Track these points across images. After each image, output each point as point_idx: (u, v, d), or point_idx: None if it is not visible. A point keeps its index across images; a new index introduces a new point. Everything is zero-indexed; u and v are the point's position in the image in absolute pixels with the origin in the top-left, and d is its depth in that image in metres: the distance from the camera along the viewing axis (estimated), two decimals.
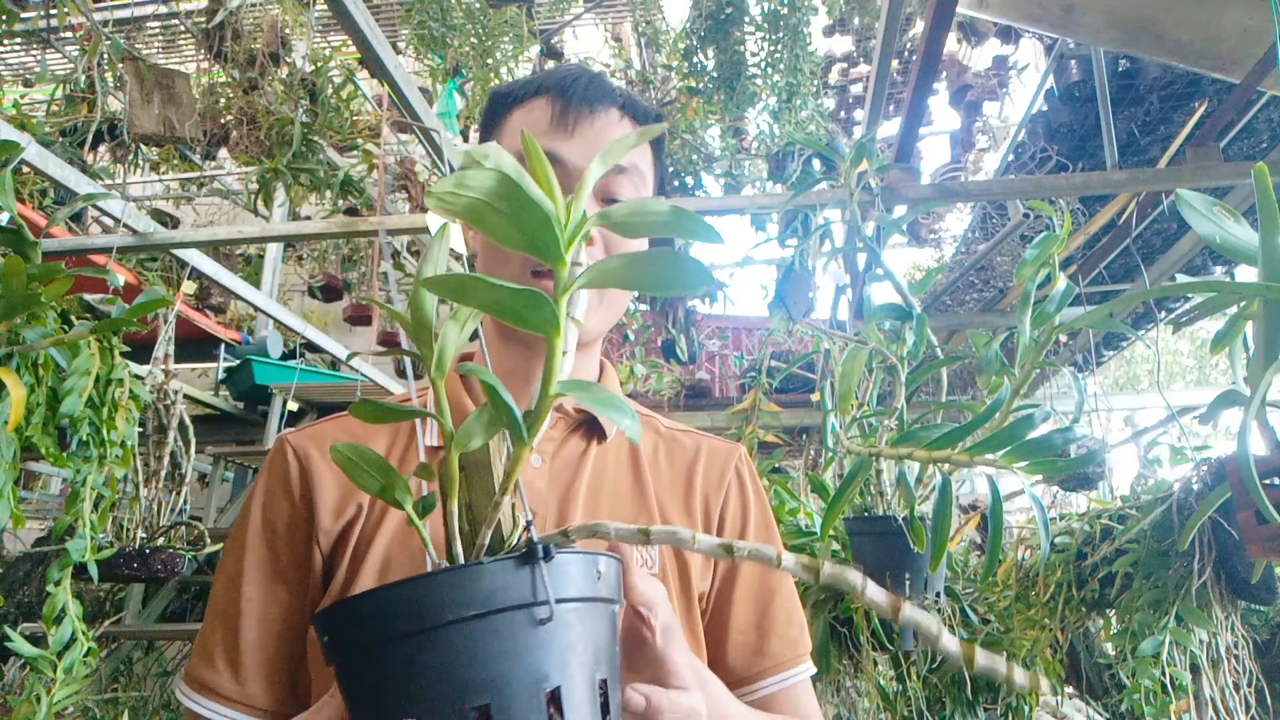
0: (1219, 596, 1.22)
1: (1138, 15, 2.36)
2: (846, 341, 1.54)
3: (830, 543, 1.66)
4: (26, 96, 4.67)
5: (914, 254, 8.90)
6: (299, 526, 0.71)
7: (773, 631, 0.78)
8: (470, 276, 0.39)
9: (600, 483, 0.76)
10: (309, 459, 0.73)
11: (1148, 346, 5.28)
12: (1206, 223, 0.72)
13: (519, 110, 0.76)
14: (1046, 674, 1.60)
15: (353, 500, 0.71)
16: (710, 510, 0.80)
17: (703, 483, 0.81)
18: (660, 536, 0.48)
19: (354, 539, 0.70)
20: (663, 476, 0.80)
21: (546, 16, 4.39)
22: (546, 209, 0.39)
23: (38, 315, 1.43)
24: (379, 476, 0.48)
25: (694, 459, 0.83)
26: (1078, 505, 2.34)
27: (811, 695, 0.80)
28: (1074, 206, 3.19)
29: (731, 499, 0.82)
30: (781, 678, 0.77)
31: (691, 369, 4.95)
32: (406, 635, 0.40)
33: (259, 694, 0.68)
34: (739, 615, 0.77)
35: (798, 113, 3.60)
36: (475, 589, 0.41)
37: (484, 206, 0.39)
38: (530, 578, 0.42)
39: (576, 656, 0.42)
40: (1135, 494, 1.48)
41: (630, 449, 0.81)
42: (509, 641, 0.40)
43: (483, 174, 0.39)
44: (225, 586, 0.71)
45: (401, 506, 0.48)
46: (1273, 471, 0.75)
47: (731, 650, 0.76)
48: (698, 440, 0.86)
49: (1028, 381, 1.15)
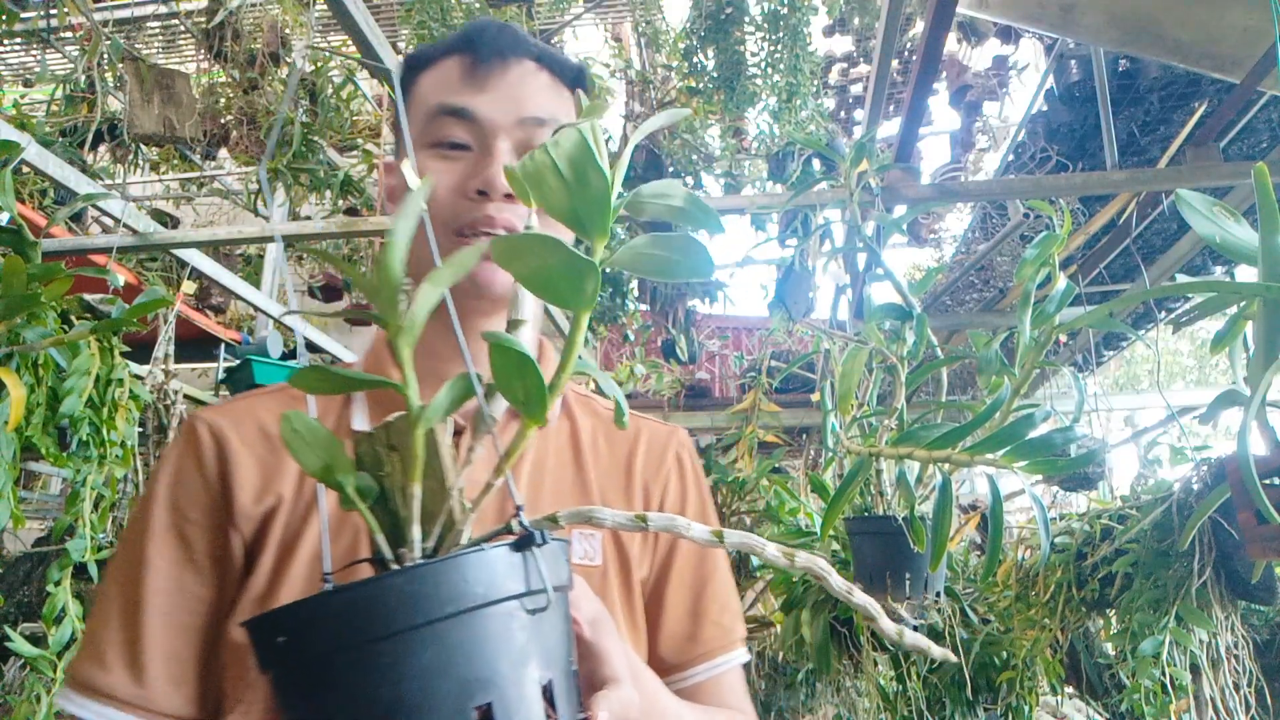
0: (1219, 596, 1.22)
1: (1138, 15, 2.36)
2: (846, 341, 1.54)
3: (830, 542, 1.66)
4: (26, 96, 4.67)
5: (914, 254, 8.91)
6: (214, 511, 0.64)
7: (707, 618, 0.76)
8: (536, 237, 0.38)
9: (541, 470, 0.73)
10: (224, 437, 0.67)
11: (1148, 346, 5.28)
12: (1206, 223, 0.72)
13: (431, 71, 0.72)
14: (1046, 674, 1.61)
15: (274, 487, 0.65)
16: (650, 497, 0.78)
17: (643, 468, 0.78)
18: (659, 523, 0.47)
19: (278, 529, 0.64)
20: (602, 462, 0.77)
21: (546, 16, 4.39)
22: (607, 185, 0.38)
23: (38, 315, 1.43)
24: (323, 453, 0.43)
25: (634, 444, 0.79)
26: (1078, 505, 2.34)
27: (742, 682, 0.79)
28: (1074, 206, 3.19)
29: (671, 485, 0.79)
30: (714, 664, 0.75)
31: (691, 369, 4.95)
32: (397, 633, 0.36)
33: (163, 698, 0.60)
34: (674, 602, 0.76)
35: (798, 113, 3.60)
36: (475, 578, 0.38)
37: (550, 169, 0.38)
38: (524, 566, 0.40)
39: (561, 647, 0.41)
40: (1135, 494, 1.48)
41: (570, 434, 0.77)
42: (506, 634, 0.38)
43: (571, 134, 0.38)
44: (123, 578, 0.64)
45: (341, 489, 0.43)
46: (1273, 471, 0.75)
47: (665, 637, 0.75)
48: (637, 424, 0.82)
49: (1028, 381, 1.15)
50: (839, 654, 1.64)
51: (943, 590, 1.33)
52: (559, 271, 0.38)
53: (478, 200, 0.67)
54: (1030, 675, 1.63)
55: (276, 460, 0.66)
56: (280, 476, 0.66)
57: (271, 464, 0.66)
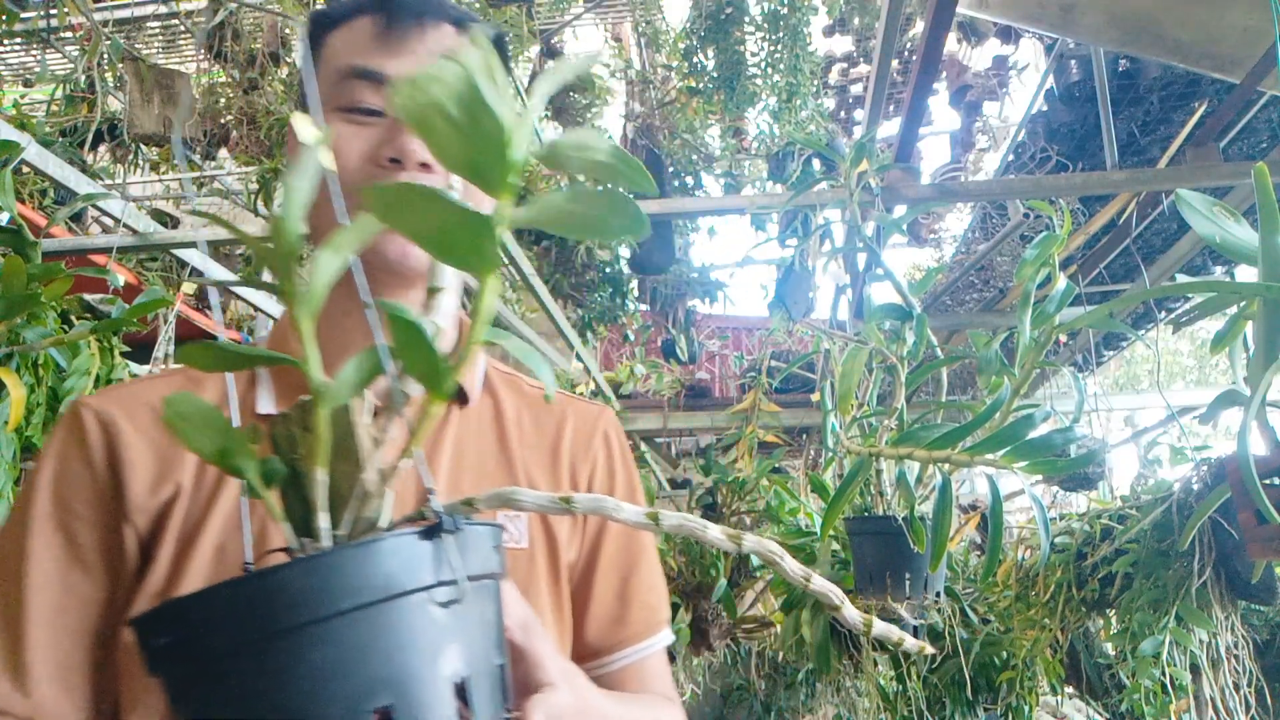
0: (1219, 596, 1.22)
1: (1138, 15, 2.36)
2: (846, 341, 1.54)
3: (830, 542, 1.66)
4: (26, 96, 4.67)
5: (914, 254, 8.90)
6: (104, 505, 0.60)
7: (634, 601, 0.74)
8: (414, 188, 0.33)
9: (463, 452, 0.69)
10: (114, 425, 0.62)
11: (1148, 346, 5.28)
12: (1206, 223, 0.72)
13: (342, 29, 0.67)
14: (1046, 674, 1.61)
15: (172, 476, 0.61)
16: (577, 478, 0.75)
17: (570, 449, 0.75)
18: (585, 504, 0.43)
19: (176, 522, 0.60)
20: (528, 441, 0.74)
21: (546, 16, 4.39)
22: (505, 126, 0.33)
23: (38, 315, 1.43)
24: (216, 437, 0.40)
25: (560, 423, 0.76)
26: (1078, 505, 2.34)
27: (666, 665, 0.78)
28: (1074, 206, 3.19)
29: (600, 465, 0.77)
30: (640, 648, 0.74)
31: (691, 369, 4.96)
32: (290, 630, 0.34)
33: (52, 704, 0.56)
34: (603, 585, 0.74)
35: (798, 113, 3.61)
36: (375, 569, 0.35)
37: (436, 110, 0.33)
38: (436, 554, 0.36)
39: (481, 642, 0.38)
40: (1135, 494, 1.48)
41: (494, 414, 0.74)
42: (412, 630, 0.35)
43: (452, 69, 0.32)
44: (0, 579, 0.59)
45: (242, 474, 0.40)
46: (1273, 471, 0.75)
47: (592, 620, 0.73)
48: (564, 403, 0.79)
49: (1028, 381, 1.15)
50: (839, 654, 1.64)
51: (943, 590, 1.33)
52: (449, 228, 0.34)
53: (390, 169, 0.63)
54: (1030, 675, 1.63)
55: (173, 448, 0.62)
56: (179, 464, 0.62)
57: (169, 451, 0.62)
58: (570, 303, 3.85)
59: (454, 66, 0.33)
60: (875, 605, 1.29)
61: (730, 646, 2.18)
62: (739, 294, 9.75)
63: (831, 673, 1.65)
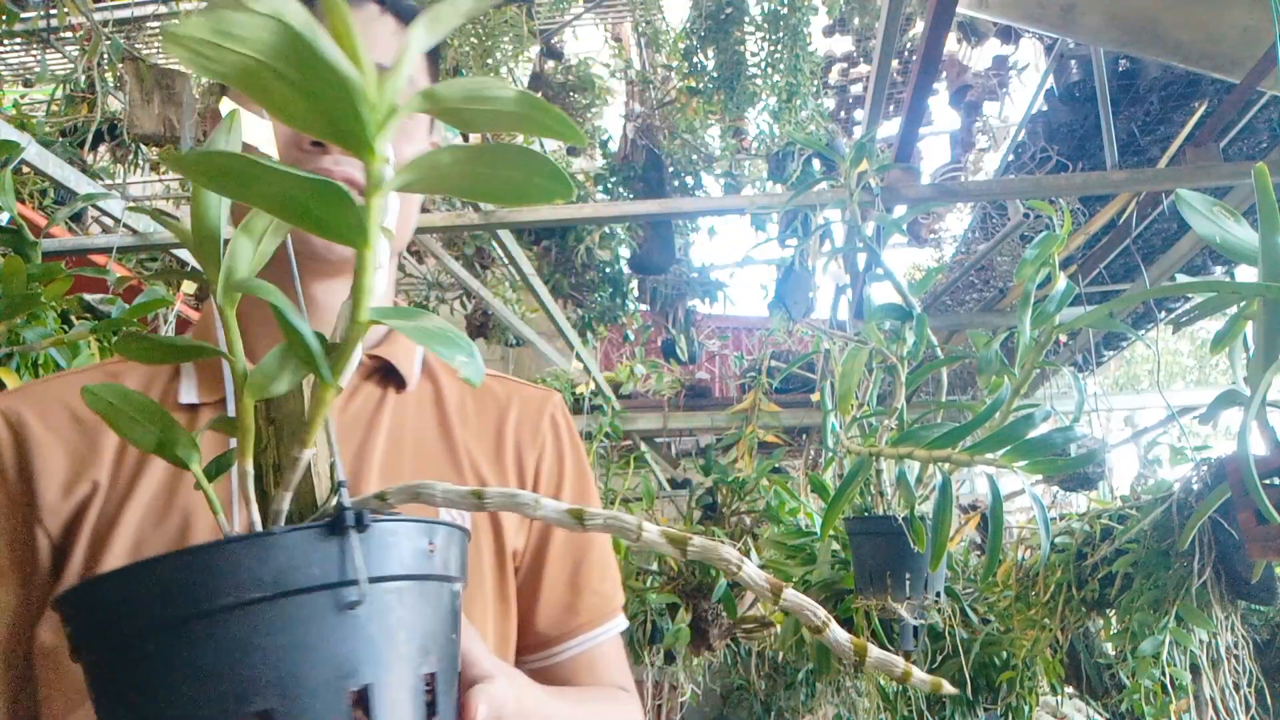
0: (1219, 596, 1.22)
1: (1138, 15, 2.36)
2: (846, 341, 1.54)
3: (830, 542, 1.66)
4: (26, 96, 4.67)
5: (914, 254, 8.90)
6: (14, 510, 0.58)
7: (587, 587, 0.72)
8: (247, 159, 0.29)
9: (401, 438, 0.67)
10: (23, 425, 0.60)
11: (1148, 346, 5.28)
12: (1206, 223, 0.72)
13: None
14: (1046, 674, 1.61)
15: (87, 475, 0.59)
16: (524, 465, 0.73)
17: (515, 435, 0.73)
18: (496, 500, 0.40)
19: (91, 521, 0.57)
20: (471, 428, 0.72)
21: (546, 16, 4.39)
22: (350, 78, 0.29)
23: (38, 315, 1.43)
24: (154, 428, 0.38)
25: (505, 408, 0.74)
26: (1078, 505, 2.34)
27: (621, 652, 0.75)
28: (1074, 206, 3.19)
29: (547, 453, 0.74)
30: (593, 635, 0.72)
31: (691, 369, 4.95)
32: (173, 623, 0.33)
33: None
34: (553, 572, 0.71)
35: (798, 113, 3.61)
36: (263, 565, 0.33)
37: (263, 70, 0.28)
38: (338, 552, 0.34)
39: (396, 648, 0.35)
40: (1135, 494, 1.48)
41: (435, 398, 0.71)
42: (304, 631, 0.33)
43: (257, 22, 0.28)
44: None
45: (186, 465, 0.39)
46: (1273, 471, 0.75)
47: (543, 608, 0.71)
48: (510, 388, 0.77)
49: (1028, 381, 1.15)
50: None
51: (943, 590, 1.33)
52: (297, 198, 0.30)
53: (313, 152, 0.61)
54: (1030, 675, 1.63)
55: (89, 445, 0.60)
56: (94, 462, 0.59)
57: (83, 450, 0.60)
58: (570, 303, 3.85)
59: (259, 19, 0.28)
60: (875, 605, 1.29)
61: (730, 646, 2.18)
62: (739, 294, 9.75)
63: (831, 673, 1.65)
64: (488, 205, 2.44)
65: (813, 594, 1.67)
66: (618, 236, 3.81)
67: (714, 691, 4.37)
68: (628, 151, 3.77)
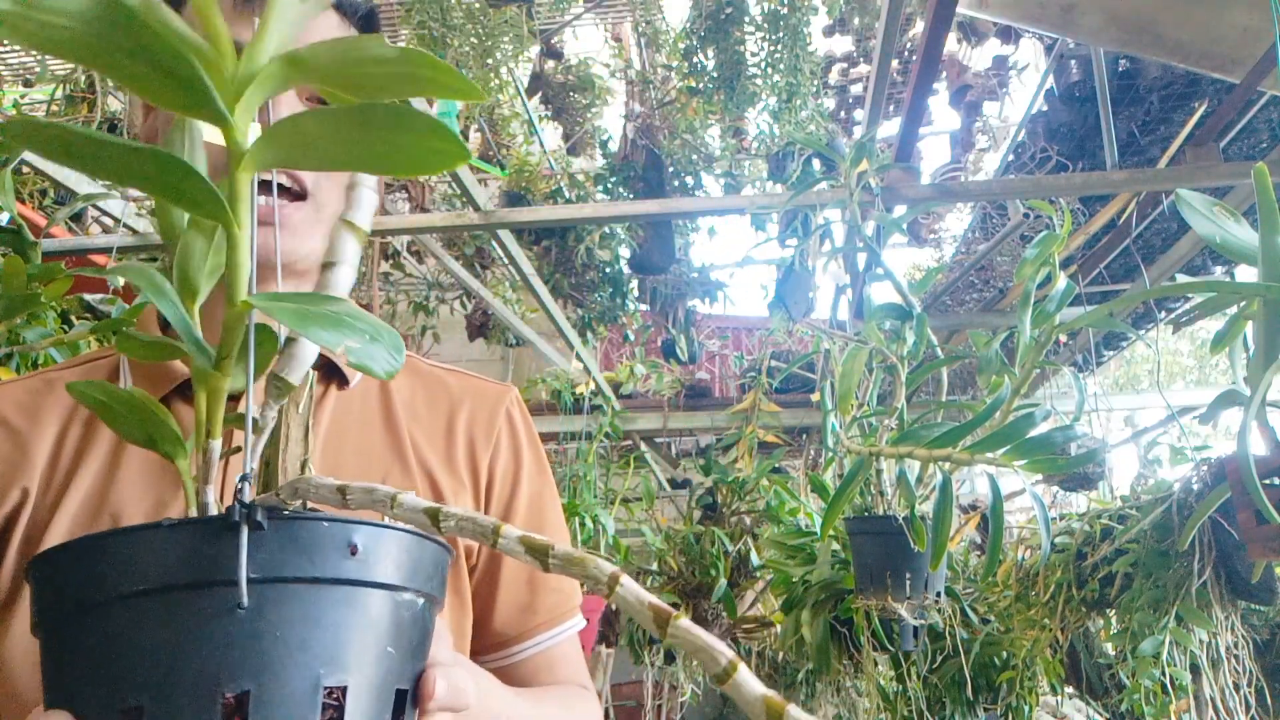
0: (1219, 596, 1.22)
1: (1138, 15, 2.36)
2: (846, 341, 1.54)
3: (830, 542, 1.66)
4: (26, 96, 4.67)
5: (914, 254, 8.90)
6: None
7: (546, 585, 0.70)
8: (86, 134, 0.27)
9: (343, 435, 0.65)
10: None
11: (1148, 346, 5.28)
12: (1206, 223, 0.72)
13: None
14: (1046, 674, 1.61)
15: (18, 483, 0.58)
16: (477, 463, 0.70)
17: (467, 430, 0.70)
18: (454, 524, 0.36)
19: (23, 526, 0.57)
20: (421, 424, 0.69)
21: (546, 16, 4.39)
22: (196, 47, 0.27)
23: (38, 315, 1.43)
24: (142, 424, 0.37)
25: (457, 403, 0.72)
26: (1078, 505, 2.34)
27: (578, 649, 0.74)
28: (1074, 206, 3.19)
29: (502, 446, 0.72)
30: (553, 634, 0.70)
31: (691, 369, 4.95)
32: (72, 612, 0.33)
33: None
34: (509, 571, 0.69)
35: (798, 113, 3.61)
36: (149, 559, 0.32)
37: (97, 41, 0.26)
38: (229, 550, 0.32)
39: (289, 654, 0.33)
40: (1135, 494, 1.48)
41: (381, 393, 0.69)
42: (184, 629, 0.32)
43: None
44: None
45: (173, 459, 0.39)
46: (1273, 471, 0.75)
47: (501, 607, 0.69)
48: (464, 381, 0.75)
49: (1028, 381, 1.15)
50: (839, 654, 1.64)
51: (943, 590, 1.33)
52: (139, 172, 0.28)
53: None
54: (1030, 675, 1.63)
55: (20, 453, 0.60)
56: (25, 470, 0.59)
57: (14, 458, 0.59)
58: (570, 303, 3.85)
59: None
60: (875, 605, 1.29)
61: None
62: (739, 294, 9.74)
63: (831, 673, 1.65)
64: (487, 205, 2.44)
65: (813, 593, 1.67)
66: (618, 236, 3.81)
67: (714, 691, 4.37)
68: (628, 151, 3.77)
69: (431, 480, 0.67)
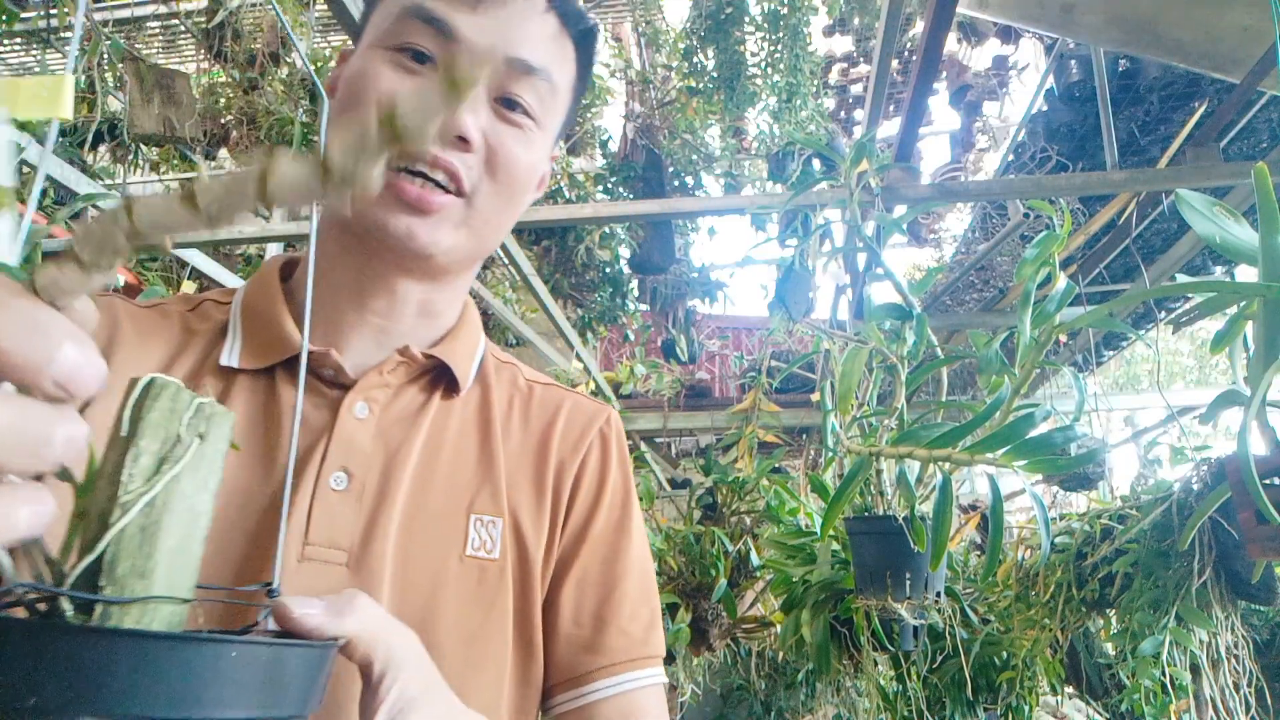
0: (1219, 596, 1.22)
1: (1138, 15, 2.36)
2: (846, 341, 1.54)
3: (830, 542, 1.66)
4: None
5: (914, 254, 8.90)
6: None
7: (613, 624, 0.64)
8: None
9: (438, 445, 0.62)
10: None
11: (1148, 346, 5.28)
12: (1206, 223, 0.72)
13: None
14: (1046, 674, 1.61)
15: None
16: (562, 481, 0.66)
17: (559, 447, 0.67)
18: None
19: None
20: (514, 440, 0.66)
21: None
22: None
23: None
24: None
25: (553, 418, 0.69)
26: (1078, 505, 2.34)
27: (662, 707, 0.65)
28: (1074, 206, 3.19)
29: (589, 466, 0.68)
30: (617, 680, 0.62)
31: (691, 369, 4.96)
32: None
33: None
34: (574, 602, 0.64)
35: (798, 113, 3.61)
36: None
37: None
38: None
39: None
40: (1135, 494, 1.48)
41: (481, 405, 0.66)
42: None
43: None
44: None
45: None
46: (1273, 471, 0.75)
47: (561, 643, 0.63)
48: (562, 397, 0.71)
49: (1028, 381, 1.15)
50: (839, 654, 1.64)
51: (943, 590, 1.33)
52: None
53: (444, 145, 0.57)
54: (1030, 675, 1.63)
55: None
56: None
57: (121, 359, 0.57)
58: (570, 303, 3.85)
59: None
60: (875, 605, 1.29)
61: (730, 646, 2.18)
62: (739, 294, 9.74)
63: (831, 673, 1.65)
64: None
65: (813, 593, 1.67)
66: (618, 236, 3.81)
67: (714, 691, 4.37)
68: (628, 151, 3.77)
69: (514, 509, 0.63)
